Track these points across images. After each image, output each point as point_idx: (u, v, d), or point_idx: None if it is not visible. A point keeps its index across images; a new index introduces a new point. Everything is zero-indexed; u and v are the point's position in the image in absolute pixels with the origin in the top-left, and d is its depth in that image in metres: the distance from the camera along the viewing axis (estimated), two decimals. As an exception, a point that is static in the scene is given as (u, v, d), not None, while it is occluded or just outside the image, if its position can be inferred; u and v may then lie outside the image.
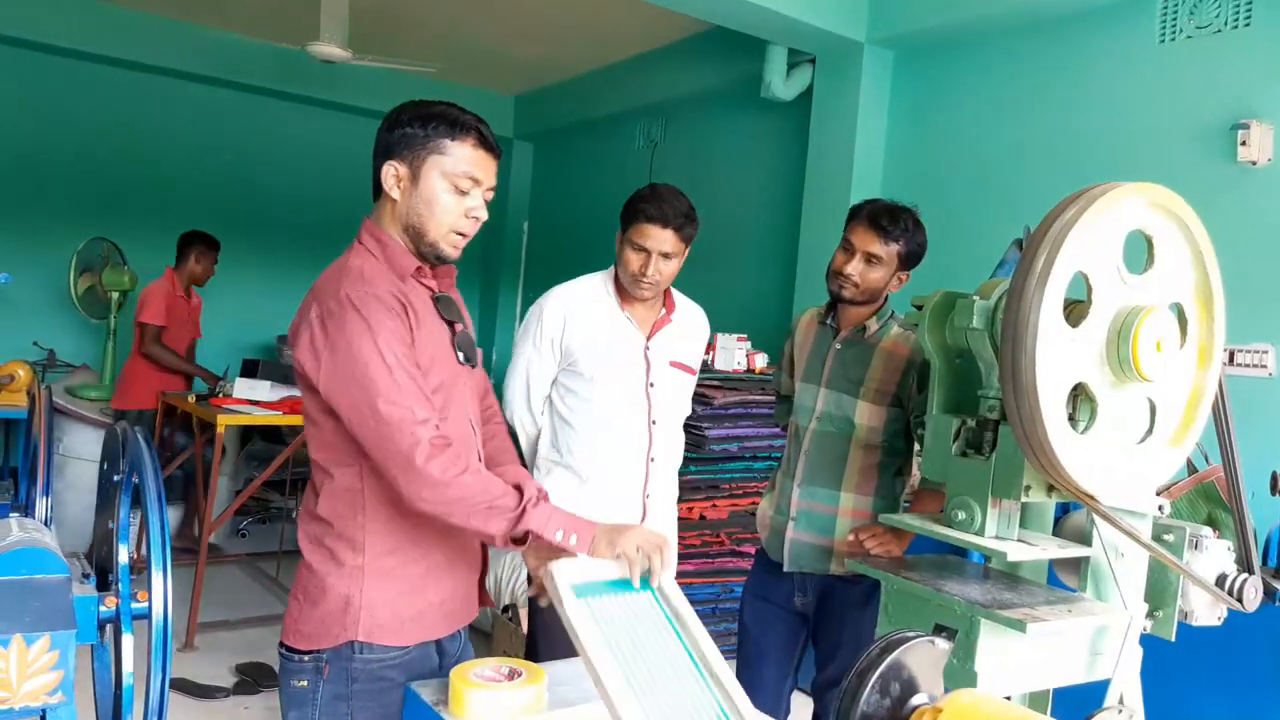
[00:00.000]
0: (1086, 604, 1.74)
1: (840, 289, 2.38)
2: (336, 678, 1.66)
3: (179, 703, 3.54)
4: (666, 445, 2.58)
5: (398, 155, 1.64)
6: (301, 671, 1.67)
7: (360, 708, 1.67)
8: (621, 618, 1.45)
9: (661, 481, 2.58)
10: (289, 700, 1.70)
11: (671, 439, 2.61)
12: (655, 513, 2.54)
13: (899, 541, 2.33)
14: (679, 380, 2.59)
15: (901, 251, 2.35)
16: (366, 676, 1.66)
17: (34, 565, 1.34)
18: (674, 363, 2.56)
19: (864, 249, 2.34)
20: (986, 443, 1.75)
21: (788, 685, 2.55)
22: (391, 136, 1.65)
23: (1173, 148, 3.65)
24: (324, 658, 1.66)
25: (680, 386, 2.61)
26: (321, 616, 1.66)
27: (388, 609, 1.66)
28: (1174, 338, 1.63)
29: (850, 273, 2.35)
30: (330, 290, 1.59)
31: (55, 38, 5.98)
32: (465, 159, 1.64)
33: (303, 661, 1.67)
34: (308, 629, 1.67)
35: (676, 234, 2.39)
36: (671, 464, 2.64)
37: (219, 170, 6.93)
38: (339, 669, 1.65)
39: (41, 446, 2.01)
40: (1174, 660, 2.14)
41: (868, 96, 4.70)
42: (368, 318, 1.54)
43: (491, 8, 5.69)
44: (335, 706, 1.68)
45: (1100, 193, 1.56)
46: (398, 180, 1.65)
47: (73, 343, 6.29)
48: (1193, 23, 3.60)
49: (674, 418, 2.61)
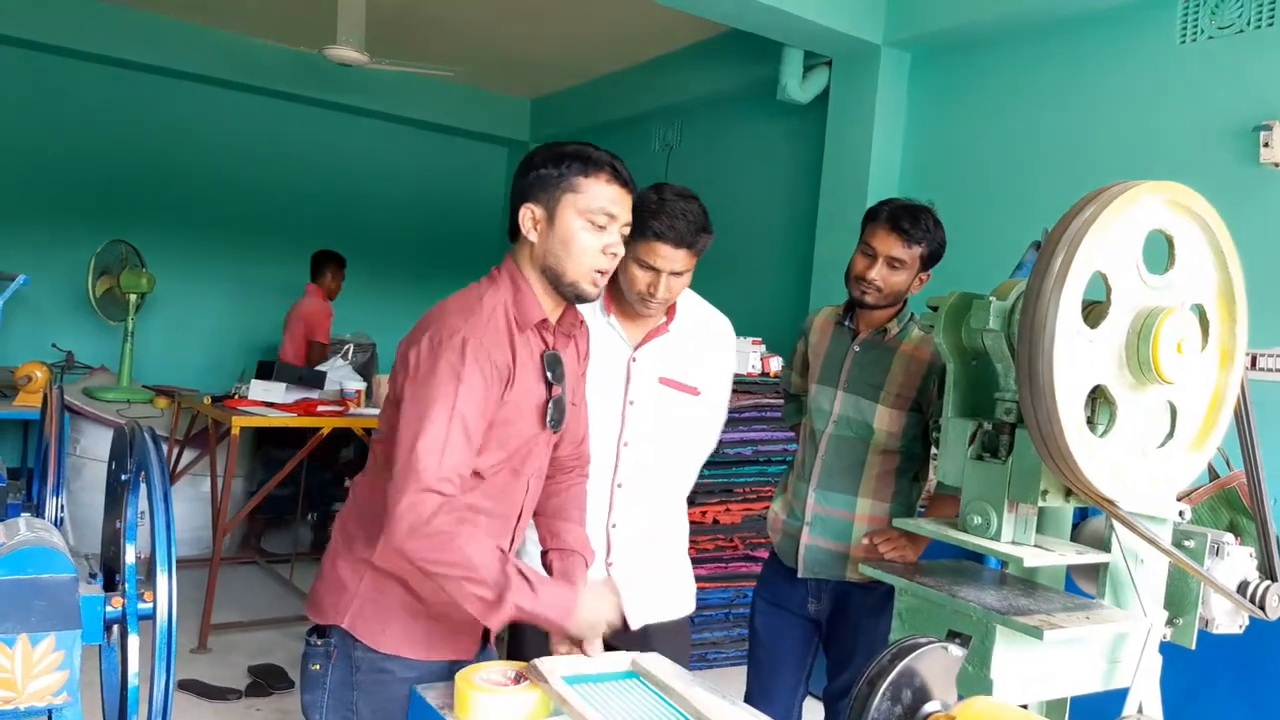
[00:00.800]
0: (1105, 611, 1.71)
1: (863, 294, 2.32)
2: (342, 664, 1.70)
3: (191, 704, 3.54)
4: (643, 474, 2.17)
5: (533, 198, 1.66)
6: (316, 655, 1.73)
7: (363, 696, 1.70)
8: (614, 700, 1.45)
9: (634, 515, 2.18)
10: (306, 683, 1.76)
11: (654, 468, 2.20)
12: (623, 549, 2.16)
13: (914, 546, 2.30)
14: (672, 401, 2.19)
15: (924, 253, 2.30)
16: (367, 666, 1.69)
17: (40, 564, 1.33)
18: (665, 379, 2.18)
19: (886, 253, 2.28)
20: (1003, 446, 1.72)
21: (800, 692, 2.52)
22: (527, 179, 1.67)
23: (1194, 150, 3.60)
24: (333, 643, 1.71)
25: (673, 409, 2.20)
26: (325, 588, 1.74)
27: (375, 610, 1.68)
28: (1195, 339, 1.60)
29: (873, 278, 2.28)
30: (452, 324, 1.59)
31: (73, 42, 6.03)
32: (600, 195, 1.65)
33: (317, 645, 1.73)
34: (315, 598, 1.75)
35: (689, 251, 2.06)
36: (653, 497, 2.22)
37: (236, 173, 6.96)
38: (344, 655, 1.70)
39: (53, 446, 2.01)
40: (1194, 669, 2.11)
41: (884, 99, 4.68)
42: (464, 366, 1.55)
43: (508, 12, 5.70)
44: (343, 692, 1.71)
45: (1119, 191, 1.53)
46: (535, 222, 1.66)
47: (91, 344, 6.33)
48: (1214, 23, 3.56)
49: (660, 445, 2.20)
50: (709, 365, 2.24)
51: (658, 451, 2.19)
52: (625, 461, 2.16)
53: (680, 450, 2.26)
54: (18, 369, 5.20)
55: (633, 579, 2.14)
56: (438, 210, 7.75)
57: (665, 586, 2.26)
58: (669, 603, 2.26)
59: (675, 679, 1.48)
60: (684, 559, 2.34)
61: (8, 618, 1.24)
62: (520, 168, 1.70)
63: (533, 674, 1.46)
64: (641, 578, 2.18)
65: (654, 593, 2.22)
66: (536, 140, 7.78)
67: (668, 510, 2.28)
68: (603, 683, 1.51)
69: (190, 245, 5.95)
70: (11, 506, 1.84)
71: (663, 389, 2.18)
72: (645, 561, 2.21)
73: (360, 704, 1.69)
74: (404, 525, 1.49)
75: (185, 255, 6.07)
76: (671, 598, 2.27)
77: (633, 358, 2.17)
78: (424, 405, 1.54)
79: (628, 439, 2.16)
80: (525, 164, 1.70)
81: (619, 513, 2.17)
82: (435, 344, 1.57)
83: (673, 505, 2.29)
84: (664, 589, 2.25)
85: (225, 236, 6.90)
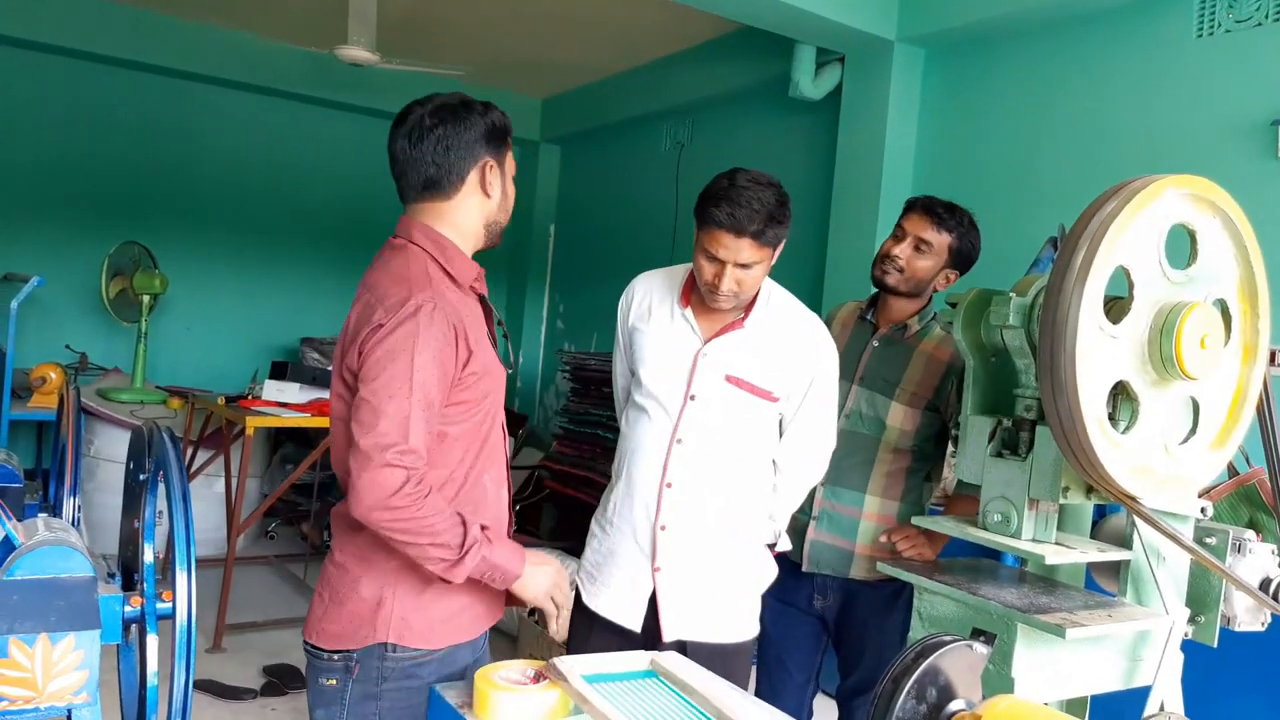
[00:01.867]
0: (1126, 609, 1.70)
1: (884, 274, 2.34)
2: (366, 677, 1.67)
3: (206, 704, 3.55)
4: (696, 476, 2.07)
5: (489, 152, 1.73)
6: (331, 670, 1.68)
7: (389, 707, 1.68)
8: (634, 699, 1.44)
9: (686, 519, 2.07)
10: (316, 698, 1.71)
11: (711, 471, 2.07)
12: (670, 554, 2.07)
13: (931, 544, 2.29)
14: (738, 401, 2.06)
15: (953, 244, 2.31)
16: (398, 675, 1.67)
17: (60, 564, 1.33)
18: (731, 378, 2.06)
19: (916, 234, 2.31)
20: (1023, 443, 1.71)
21: (810, 690, 2.51)
22: (474, 133, 1.72)
23: (1211, 144, 3.58)
24: (354, 657, 1.67)
25: (739, 408, 2.07)
26: (349, 616, 1.67)
27: (420, 612, 1.67)
28: (1218, 334, 1.58)
29: (897, 255, 2.30)
30: (398, 293, 1.60)
31: (86, 44, 6.04)
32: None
33: (333, 660, 1.68)
34: (334, 628, 1.68)
35: (755, 241, 1.94)
36: (710, 504, 2.08)
37: (248, 174, 6.97)
38: (369, 668, 1.66)
39: (69, 447, 2.02)
40: (1216, 667, 2.09)
41: (898, 95, 4.65)
42: (419, 336, 1.56)
43: (519, 11, 5.69)
44: (364, 706, 1.68)
45: (1141, 186, 1.52)
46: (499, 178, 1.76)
47: (104, 346, 6.35)
48: (1231, 16, 3.53)
49: (720, 446, 2.08)
50: (778, 362, 2.09)
51: (716, 453, 2.07)
52: (675, 459, 2.06)
53: (747, 458, 2.10)
54: (32, 370, 5.23)
55: (677, 588, 2.07)
56: (449, 210, 7.75)
57: (716, 605, 2.10)
58: (717, 624, 2.11)
59: (694, 677, 1.48)
60: (750, 583, 2.16)
61: (28, 617, 1.24)
62: (454, 119, 1.70)
63: (552, 673, 1.46)
64: (688, 589, 2.08)
65: (700, 608, 2.09)
66: (547, 139, 7.78)
67: (733, 525, 2.11)
68: (622, 681, 1.50)
69: (203, 246, 5.93)
70: (29, 507, 1.85)
71: (730, 388, 2.06)
72: (696, 573, 2.08)
73: (384, 714, 1.68)
74: (369, 499, 1.51)
75: (198, 256, 6.05)
76: (721, 619, 2.11)
77: (702, 351, 2.08)
78: (385, 379, 1.54)
79: (681, 435, 2.06)
80: (462, 114, 1.72)
81: (667, 514, 2.07)
82: (405, 313, 1.57)
83: (740, 521, 2.12)
84: (713, 607, 2.10)
85: (238, 237, 6.91)
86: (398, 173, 1.74)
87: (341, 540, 1.72)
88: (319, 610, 1.71)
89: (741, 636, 2.14)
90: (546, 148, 7.87)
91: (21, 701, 1.22)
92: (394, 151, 1.73)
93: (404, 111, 1.74)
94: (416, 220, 1.72)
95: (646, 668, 1.55)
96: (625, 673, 1.53)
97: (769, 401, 2.08)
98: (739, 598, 2.14)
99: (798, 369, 2.10)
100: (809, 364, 2.11)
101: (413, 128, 1.70)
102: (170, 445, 1.46)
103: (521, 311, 7.94)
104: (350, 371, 1.62)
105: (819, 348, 2.13)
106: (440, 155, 1.68)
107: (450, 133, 1.69)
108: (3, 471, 1.78)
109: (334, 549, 1.73)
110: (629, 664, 1.55)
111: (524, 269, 7.95)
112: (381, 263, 1.70)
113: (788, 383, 2.09)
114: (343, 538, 1.72)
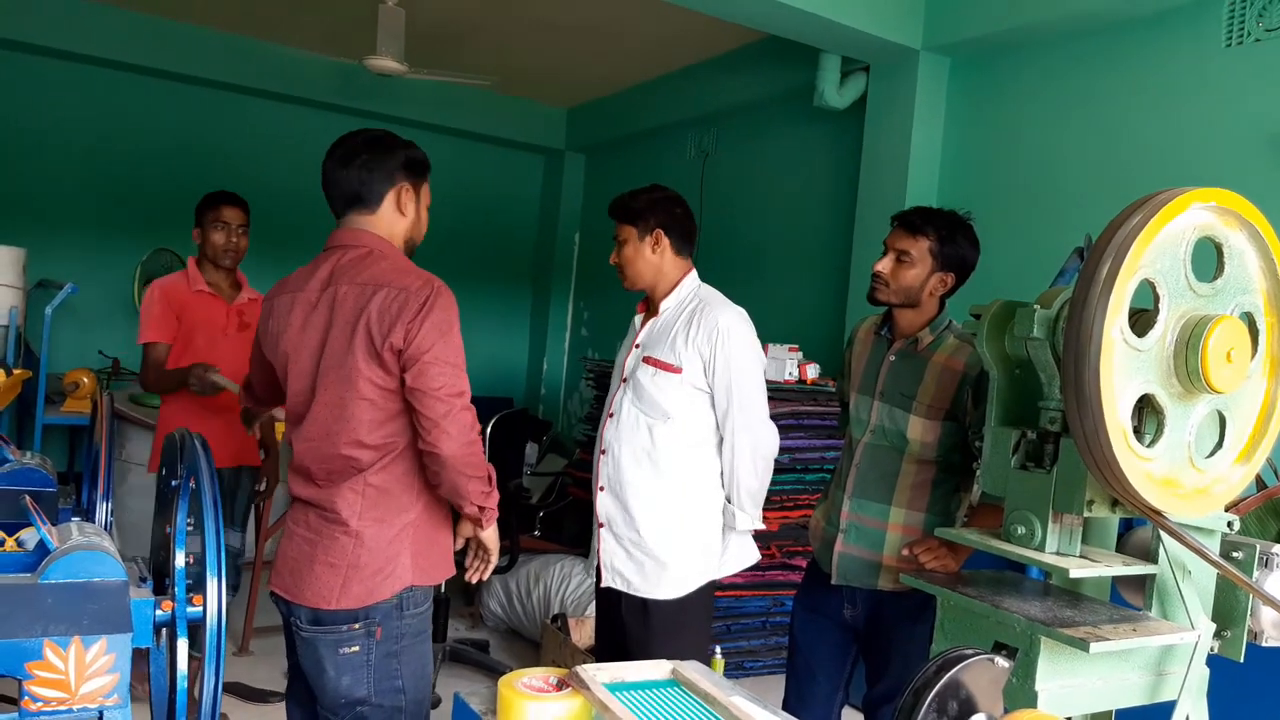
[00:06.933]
0: (1152, 623, 1.69)
1: (875, 291, 2.40)
2: (389, 636, 1.90)
3: (233, 706, 3.58)
4: (622, 443, 2.53)
5: (408, 178, 2.03)
6: (354, 639, 1.88)
7: (406, 662, 1.92)
8: (656, 708, 1.45)
9: (614, 476, 2.54)
10: (340, 667, 1.88)
11: (634, 438, 2.51)
12: (606, 511, 2.57)
13: (955, 556, 2.28)
14: (652, 377, 2.50)
15: (933, 247, 2.32)
16: (411, 632, 1.93)
17: (93, 568, 1.35)
18: (648, 358, 2.52)
19: (895, 247, 2.37)
20: (1047, 455, 1.70)
21: (838, 699, 2.51)
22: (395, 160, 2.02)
23: (1239, 155, 3.54)
24: (375, 621, 1.88)
25: (656, 384, 2.50)
26: (373, 574, 1.88)
27: (425, 554, 1.96)
28: (1245, 348, 1.57)
29: (881, 270, 2.37)
30: (424, 278, 1.92)
31: (119, 55, 6.14)
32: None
33: (353, 629, 1.87)
34: (358, 589, 1.88)
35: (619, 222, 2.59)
36: (631, 467, 2.52)
37: (278, 182, 7.04)
38: (390, 629, 1.90)
39: (103, 452, 2.04)
40: (1242, 682, 2.07)
41: (923, 104, 4.65)
42: (453, 309, 1.92)
43: (545, 22, 5.73)
44: (387, 665, 1.90)
45: (1167, 198, 1.51)
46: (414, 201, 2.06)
47: (136, 352, 6.42)
48: (1261, 25, 3.50)
49: (637, 414, 2.52)
50: (687, 342, 2.47)
51: (636, 423, 2.52)
52: (609, 430, 2.57)
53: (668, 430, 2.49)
54: (66, 375, 5.30)
55: (608, 543, 2.56)
56: (475, 218, 7.80)
57: (641, 562, 2.51)
58: (643, 580, 2.51)
59: (716, 687, 1.48)
60: (681, 550, 2.51)
61: (61, 620, 1.26)
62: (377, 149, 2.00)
63: (574, 681, 1.47)
64: (615, 546, 2.54)
65: (626, 563, 2.52)
66: (572, 149, 7.81)
67: (659, 491, 2.51)
68: (644, 690, 1.51)
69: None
70: (62, 511, 1.87)
71: (648, 368, 2.52)
72: (622, 532, 2.53)
73: (403, 669, 1.91)
74: (461, 436, 1.85)
75: (228, 263, 6.07)
76: (646, 576, 2.50)
77: (636, 343, 2.60)
78: (444, 345, 1.87)
79: (613, 410, 2.58)
80: (385, 146, 2.01)
81: (603, 477, 2.58)
82: (434, 294, 1.89)
83: (668, 488, 2.51)
84: (639, 563, 2.51)
85: (267, 244, 6.97)
86: (328, 189, 2.03)
87: (355, 516, 1.92)
88: (334, 580, 1.87)
89: (662, 595, 2.50)
90: (571, 157, 7.90)
91: (55, 703, 1.24)
92: (326, 171, 2.03)
93: (337, 141, 2.05)
94: (349, 229, 2.02)
95: (668, 677, 1.56)
96: (647, 681, 1.54)
97: (673, 373, 2.48)
98: (668, 560, 2.50)
99: (694, 344, 2.47)
100: (704, 342, 2.46)
101: (344, 153, 2.01)
102: (202, 452, 1.49)
103: (546, 318, 7.97)
104: (393, 350, 1.86)
105: (720, 331, 2.46)
106: (365, 175, 1.99)
107: (373, 159, 1.99)
108: (37, 476, 1.81)
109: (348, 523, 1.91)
110: (650, 673, 1.56)
111: (549, 277, 7.98)
112: (361, 264, 1.96)
113: (688, 356, 2.47)
114: (356, 515, 1.92)
